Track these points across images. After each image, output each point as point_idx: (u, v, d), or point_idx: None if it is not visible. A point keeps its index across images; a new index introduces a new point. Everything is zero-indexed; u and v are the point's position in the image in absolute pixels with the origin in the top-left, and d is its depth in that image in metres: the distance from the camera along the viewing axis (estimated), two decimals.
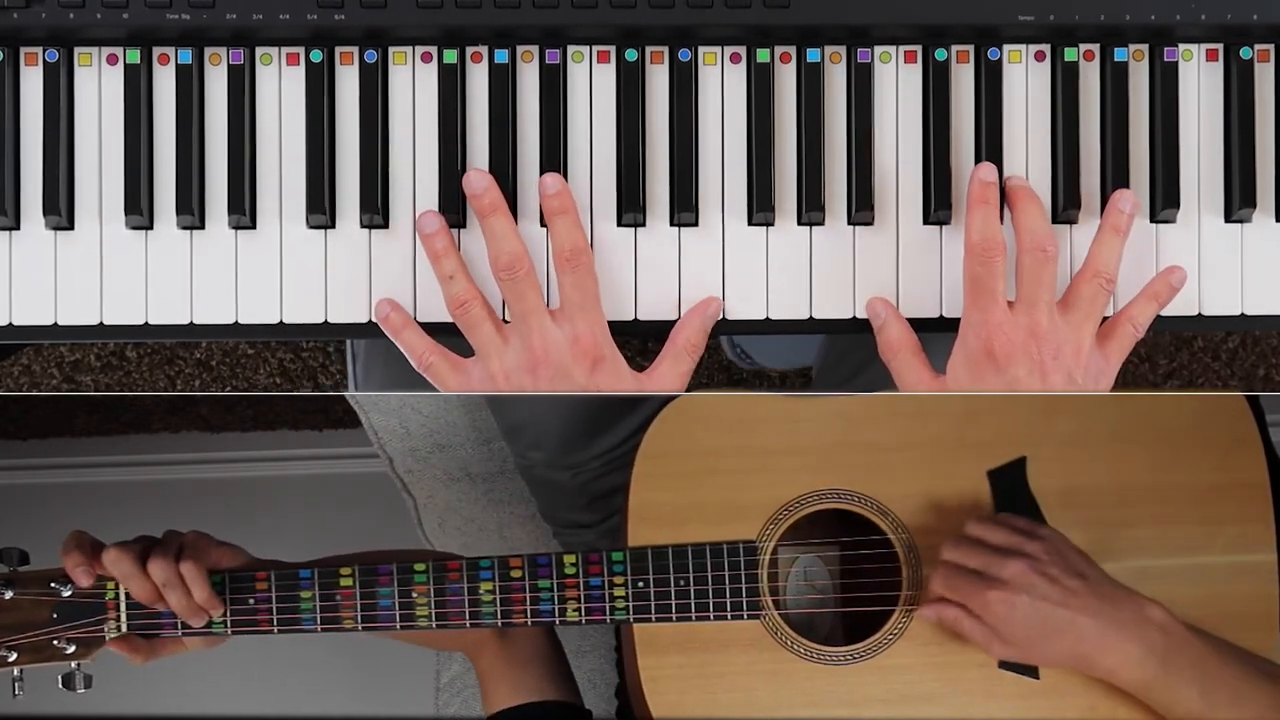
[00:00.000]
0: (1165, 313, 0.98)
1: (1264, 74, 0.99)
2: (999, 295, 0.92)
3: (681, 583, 0.95)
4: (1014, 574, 0.91)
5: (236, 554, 0.95)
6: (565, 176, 0.97)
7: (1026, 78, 0.98)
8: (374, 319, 0.96)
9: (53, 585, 0.94)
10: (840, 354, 1.27)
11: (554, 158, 0.97)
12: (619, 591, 0.95)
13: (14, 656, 0.93)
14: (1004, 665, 0.95)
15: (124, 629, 0.94)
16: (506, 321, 0.95)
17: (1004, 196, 0.96)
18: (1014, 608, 0.91)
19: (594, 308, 0.94)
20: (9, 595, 0.93)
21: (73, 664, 0.94)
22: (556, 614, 0.95)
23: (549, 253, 0.97)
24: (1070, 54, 0.98)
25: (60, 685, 0.94)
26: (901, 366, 0.95)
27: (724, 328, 0.99)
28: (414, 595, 0.95)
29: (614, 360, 0.94)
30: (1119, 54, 0.98)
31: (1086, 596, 0.91)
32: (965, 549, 0.93)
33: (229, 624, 0.95)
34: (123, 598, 0.94)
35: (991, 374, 0.91)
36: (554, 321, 0.93)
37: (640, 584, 0.95)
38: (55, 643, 0.93)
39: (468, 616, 0.95)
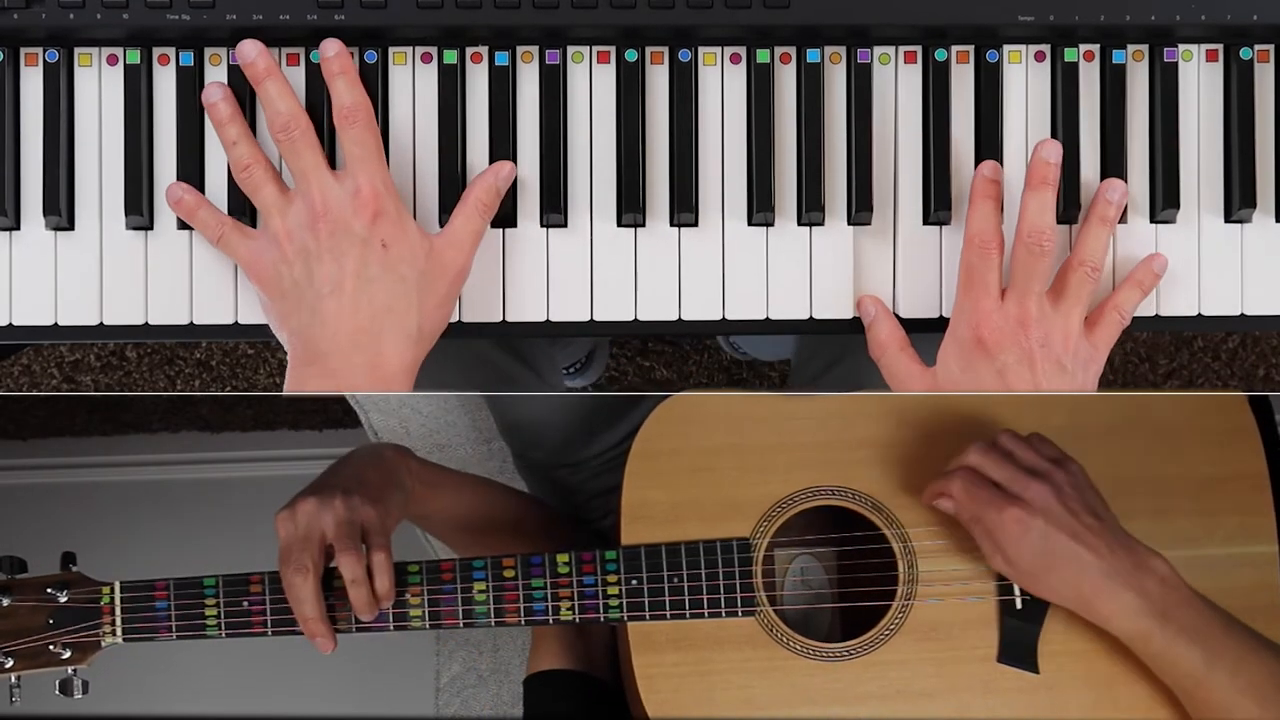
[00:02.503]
0: (1165, 313, 0.98)
1: (1264, 74, 0.99)
2: (991, 286, 0.93)
3: (675, 581, 0.95)
4: (1035, 496, 0.91)
5: (397, 511, 0.97)
6: (565, 176, 0.97)
7: (1026, 78, 0.98)
8: (167, 204, 0.96)
9: (49, 591, 0.94)
10: (813, 349, 1.27)
11: (554, 158, 0.97)
12: (613, 590, 0.95)
13: (10, 663, 0.93)
14: (1002, 659, 0.95)
15: (119, 634, 0.94)
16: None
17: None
18: (1028, 530, 0.90)
19: (375, 161, 0.92)
20: (6, 603, 0.93)
21: (69, 669, 0.94)
22: (550, 613, 0.95)
23: (546, 250, 0.97)
24: (1070, 54, 0.98)
25: (57, 691, 0.94)
26: (891, 362, 0.96)
27: (725, 327, 0.99)
28: (407, 596, 0.95)
29: (398, 214, 0.92)
30: (1118, 55, 0.98)
31: (1099, 536, 0.91)
32: (993, 459, 0.93)
33: (223, 626, 0.95)
34: (118, 602, 0.94)
35: (981, 361, 0.92)
36: (336, 179, 0.92)
37: (634, 582, 0.95)
38: (51, 648, 0.93)
39: (461, 617, 0.95)
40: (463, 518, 1.07)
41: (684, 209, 0.97)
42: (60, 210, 0.96)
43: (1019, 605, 0.95)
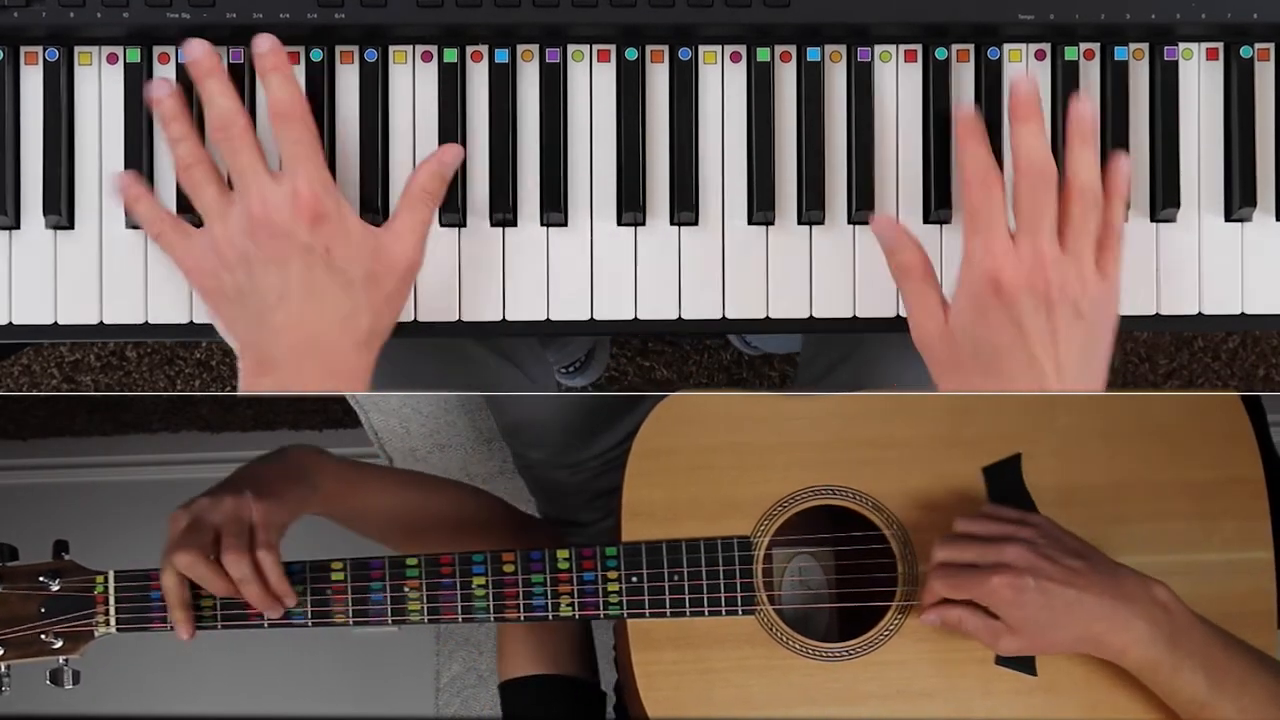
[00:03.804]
0: (1165, 312, 0.98)
1: (1264, 73, 0.99)
2: (1000, 224, 0.89)
3: (675, 578, 0.95)
4: (1015, 557, 0.90)
5: (294, 506, 0.96)
6: (565, 176, 0.97)
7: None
8: (115, 190, 0.95)
9: (41, 580, 0.93)
10: (817, 349, 1.27)
11: (554, 157, 0.97)
12: (613, 586, 0.95)
13: (1, 652, 0.93)
14: (1001, 661, 0.95)
15: (113, 624, 0.94)
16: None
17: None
18: (1021, 591, 0.89)
19: (313, 160, 0.91)
20: None
21: (60, 659, 0.93)
22: (550, 609, 0.95)
23: (546, 249, 0.97)
24: (1070, 53, 0.98)
25: (48, 681, 0.94)
26: (914, 290, 0.92)
27: (725, 327, 0.99)
28: (406, 590, 0.95)
29: (339, 215, 0.90)
30: (1119, 53, 0.98)
31: (1090, 574, 0.90)
32: (958, 545, 0.92)
33: (219, 618, 0.94)
34: (111, 591, 0.94)
35: (996, 309, 0.88)
36: (274, 181, 0.90)
37: (634, 579, 0.95)
38: (43, 637, 0.93)
39: (460, 611, 0.95)
40: (395, 516, 1.06)
41: (684, 208, 0.97)
42: (60, 210, 0.96)
43: None
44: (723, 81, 0.98)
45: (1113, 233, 0.92)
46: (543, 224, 0.98)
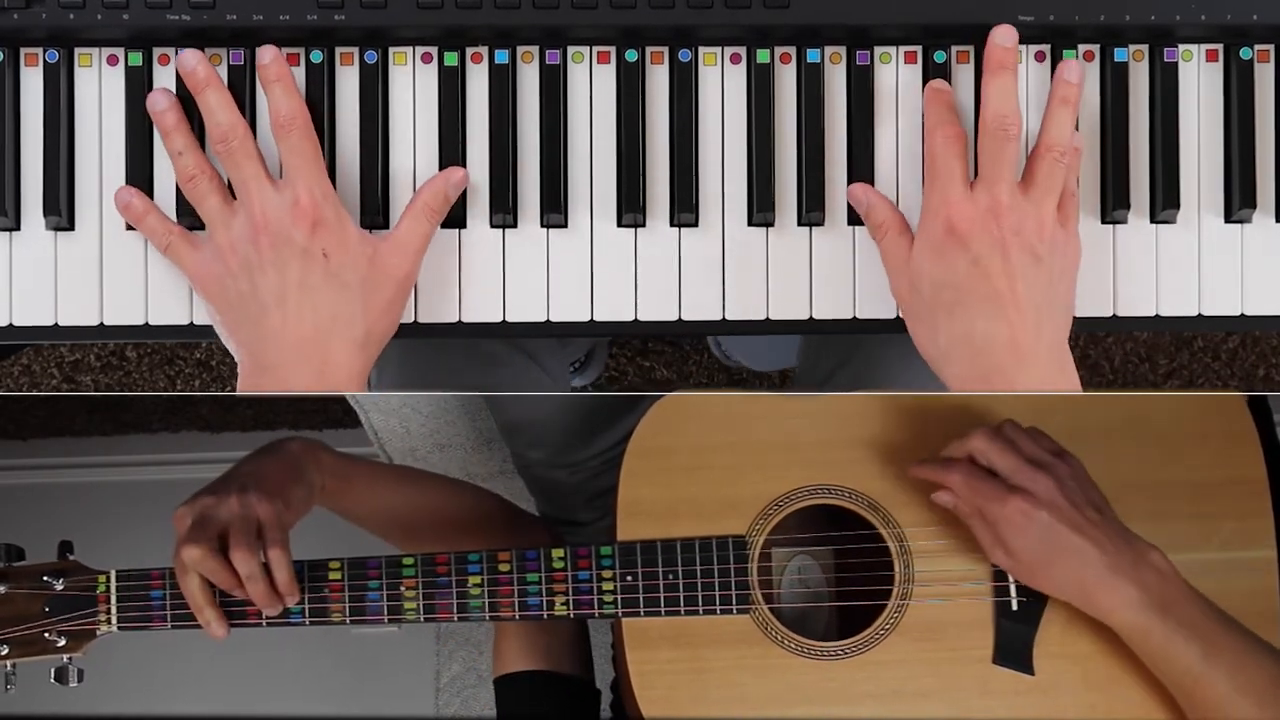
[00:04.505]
0: (1165, 313, 0.99)
1: (1264, 74, 0.99)
2: (957, 174, 0.92)
3: (670, 577, 0.95)
4: (1040, 487, 0.90)
5: (299, 506, 0.96)
6: (565, 177, 0.97)
7: (1026, 78, 0.99)
8: (116, 208, 0.96)
9: (45, 579, 0.94)
10: (817, 354, 1.27)
11: (554, 158, 0.97)
12: (607, 585, 0.95)
13: (5, 650, 0.93)
14: (998, 661, 0.95)
15: (114, 623, 0.94)
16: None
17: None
18: (1032, 521, 0.89)
19: (312, 170, 0.93)
20: (1, 590, 0.93)
21: (64, 657, 0.94)
22: (545, 607, 0.95)
23: (546, 250, 0.97)
24: (1070, 54, 0.98)
25: (53, 679, 0.94)
26: (890, 245, 0.95)
27: (725, 327, 0.99)
28: (402, 589, 0.95)
29: (338, 222, 0.93)
30: (1119, 54, 0.98)
31: (1101, 529, 0.90)
32: (998, 447, 0.92)
33: None
34: (113, 591, 0.94)
35: (953, 251, 0.91)
36: (275, 189, 0.92)
37: (629, 578, 0.95)
38: (46, 636, 0.94)
39: (455, 610, 0.95)
40: (392, 513, 1.07)
41: (684, 209, 0.97)
42: (60, 210, 0.96)
43: (1014, 607, 0.95)
44: (723, 83, 0.98)
45: (1069, 195, 0.94)
46: (543, 225, 0.98)
